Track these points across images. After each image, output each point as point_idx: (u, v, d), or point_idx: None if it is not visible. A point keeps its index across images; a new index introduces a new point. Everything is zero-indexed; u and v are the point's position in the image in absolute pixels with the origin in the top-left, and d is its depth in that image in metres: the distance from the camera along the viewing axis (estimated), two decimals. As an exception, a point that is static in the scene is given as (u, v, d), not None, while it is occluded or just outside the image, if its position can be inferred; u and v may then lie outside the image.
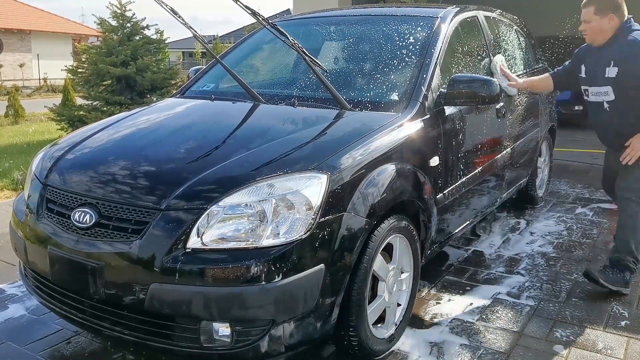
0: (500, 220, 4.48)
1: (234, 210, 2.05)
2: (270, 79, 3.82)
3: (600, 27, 3.03)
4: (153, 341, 2.09)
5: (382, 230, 2.34)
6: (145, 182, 2.24)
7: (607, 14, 2.99)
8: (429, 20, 3.32)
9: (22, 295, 3.12)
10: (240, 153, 2.31)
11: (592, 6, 3.05)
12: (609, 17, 2.99)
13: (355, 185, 2.25)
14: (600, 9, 3.02)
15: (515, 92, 3.75)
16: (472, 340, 2.65)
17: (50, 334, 2.71)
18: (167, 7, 2.95)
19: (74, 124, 8.54)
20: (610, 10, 3.00)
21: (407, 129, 2.65)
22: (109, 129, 2.82)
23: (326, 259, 2.09)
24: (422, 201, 2.64)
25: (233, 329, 2.02)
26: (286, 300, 2.01)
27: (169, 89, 8.89)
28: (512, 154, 3.88)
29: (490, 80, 2.87)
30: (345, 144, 2.35)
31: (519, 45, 4.53)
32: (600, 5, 3.02)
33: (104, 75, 8.65)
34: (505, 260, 3.65)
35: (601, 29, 3.03)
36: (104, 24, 9.00)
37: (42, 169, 2.53)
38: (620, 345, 2.62)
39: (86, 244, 2.14)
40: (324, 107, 2.79)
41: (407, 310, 2.67)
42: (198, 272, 1.98)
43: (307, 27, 3.84)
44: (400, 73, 3.04)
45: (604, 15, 3.00)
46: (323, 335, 2.21)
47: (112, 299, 2.11)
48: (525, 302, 3.05)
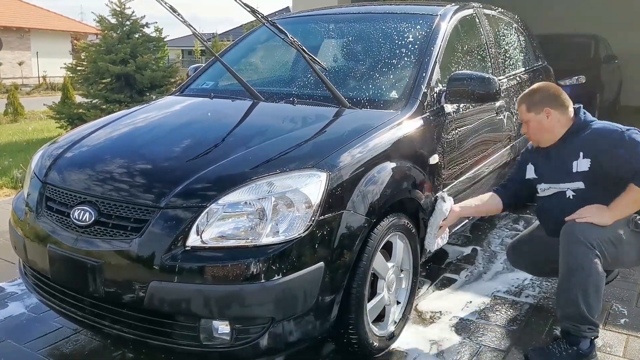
0: (500, 218, 4.48)
1: (233, 208, 2.05)
2: (269, 77, 3.82)
3: (540, 126, 2.63)
4: (153, 339, 2.09)
5: (381, 228, 2.34)
6: (144, 180, 2.24)
7: (541, 110, 2.61)
8: (428, 18, 3.32)
9: (22, 294, 3.12)
10: (239, 151, 2.31)
11: (522, 104, 2.69)
12: (545, 111, 2.60)
13: (354, 183, 2.25)
14: (531, 106, 2.65)
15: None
16: (472, 338, 2.66)
17: (50, 332, 2.71)
18: (167, 5, 2.95)
19: (73, 122, 8.54)
20: (543, 104, 2.61)
21: (406, 127, 2.65)
22: (108, 127, 2.82)
23: (326, 257, 2.09)
24: (422, 199, 2.64)
25: (233, 327, 2.02)
26: (286, 299, 2.01)
27: (168, 87, 8.88)
28: (512, 151, 3.87)
29: (489, 77, 2.87)
30: (344, 142, 2.35)
31: (518, 43, 4.53)
32: (529, 103, 2.66)
33: (104, 73, 8.64)
34: (505, 258, 3.65)
35: (542, 127, 2.63)
36: (104, 22, 8.98)
37: (42, 167, 2.53)
38: (619, 343, 2.62)
39: (86, 242, 2.14)
40: (323, 105, 2.79)
41: (407, 308, 2.68)
42: (198, 270, 1.98)
43: (306, 25, 3.84)
44: (399, 71, 3.04)
45: (539, 112, 2.62)
46: (322, 333, 2.21)
47: (111, 297, 2.11)
48: (524, 300, 3.05)
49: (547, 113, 2.61)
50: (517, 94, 4.01)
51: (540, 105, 2.63)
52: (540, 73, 4.80)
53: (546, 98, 2.64)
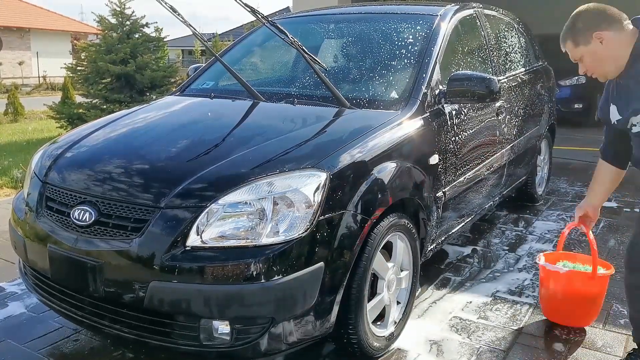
0: (500, 218, 4.48)
1: (233, 208, 2.05)
2: (269, 77, 3.82)
3: (597, 57, 2.16)
4: (152, 339, 2.09)
5: (381, 228, 2.34)
6: (144, 180, 2.24)
7: (590, 37, 2.14)
8: (428, 19, 3.31)
9: (22, 293, 3.12)
10: (239, 151, 2.31)
11: (568, 41, 2.22)
12: (596, 37, 2.13)
13: (354, 183, 2.25)
14: (577, 37, 2.18)
15: None
16: (472, 338, 2.66)
17: (50, 332, 2.71)
18: (167, 5, 2.95)
19: (73, 122, 8.54)
20: (590, 30, 2.13)
21: (406, 127, 2.65)
22: (108, 127, 2.82)
23: (326, 257, 2.09)
24: (422, 199, 2.65)
25: (233, 327, 2.02)
26: (286, 299, 2.01)
27: (168, 86, 8.88)
28: (512, 151, 3.88)
29: (489, 77, 2.87)
30: (344, 142, 2.35)
31: (518, 43, 4.53)
32: (573, 35, 2.19)
33: (104, 73, 8.64)
34: (505, 258, 3.65)
35: (601, 57, 2.16)
36: (104, 22, 8.98)
37: (42, 167, 2.53)
38: (619, 344, 2.62)
39: (86, 242, 2.14)
40: (323, 105, 2.79)
41: (407, 308, 2.68)
42: (198, 270, 1.98)
43: (306, 25, 3.84)
44: (399, 71, 3.04)
45: (588, 41, 2.15)
46: (322, 334, 2.21)
47: (111, 297, 2.11)
48: (524, 300, 3.05)
49: (599, 38, 2.13)
50: (518, 94, 4.03)
51: (587, 32, 2.14)
52: (541, 73, 4.80)
53: (591, 20, 2.15)
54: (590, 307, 2.71)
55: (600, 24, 2.13)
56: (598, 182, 2.52)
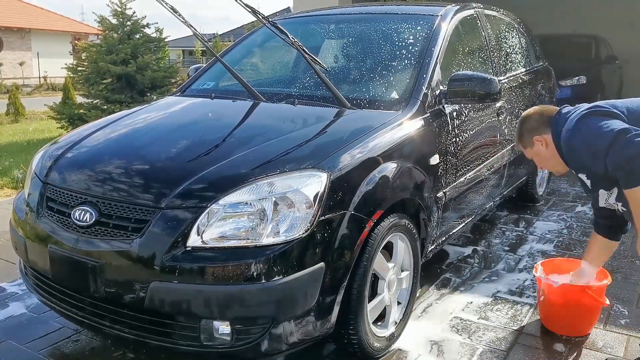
0: (500, 218, 4.48)
1: (234, 208, 2.05)
2: (270, 77, 3.82)
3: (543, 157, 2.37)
4: (153, 339, 2.09)
5: (382, 228, 2.34)
6: (145, 180, 2.24)
7: (532, 141, 2.37)
8: (429, 19, 3.32)
9: (23, 294, 3.12)
10: (240, 151, 2.31)
11: (518, 144, 2.48)
12: (536, 140, 2.35)
13: (355, 183, 2.25)
14: (523, 141, 2.42)
15: None
16: (472, 338, 2.65)
17: (51, 332, 2.71)
18: (168, 6, 2.95)
19: (74, 122, 8.54)
20: (531, 134, 2.36)
21: (407, 127, 2.65)
22: (109, 127, 2.82)
23: (326, 258, 2.09)
24: (423, 199, 2.64)
25: (233, 327, 2.02)
26: (286, 299, 2.01)
27: (169, 87, 8.89)
28: (512, 152, 3.87)
29: (489, 77, 2.87)
30: (345, 142, 2.35)
31: (519, 43, 4.53)
32: (521, 139, 2.43)
33: (104, 73, 8.65)
34: (505, 258, 3.65)
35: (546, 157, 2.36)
36: (105, 22, 8.99)
37: (42, 168, 2.53)
38: (620, 344, 2.62)
39: (86, 243, 2.14)
40: (324, 105, 2.79)
41: (407, 308, 2.67)
42: (198, 270, 1.98)
43: (307, 26, 3.84)
44: (400, 71, 3.04)
45: (532, 144, 2.37)
46: (323, 334, 2.21)
47: (112, 298, 2.11)
48: (525, 301, 3.05)
49: (539, 141, 2.36)
50: (518, 94, 4.03)
51: (528, 136, 2.39)
52: (541, 74, 4.80)
53: (531, 125, 2.39)
54: (586, 318, 2.68)
55: (539, 127, 2.34)
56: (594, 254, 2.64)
